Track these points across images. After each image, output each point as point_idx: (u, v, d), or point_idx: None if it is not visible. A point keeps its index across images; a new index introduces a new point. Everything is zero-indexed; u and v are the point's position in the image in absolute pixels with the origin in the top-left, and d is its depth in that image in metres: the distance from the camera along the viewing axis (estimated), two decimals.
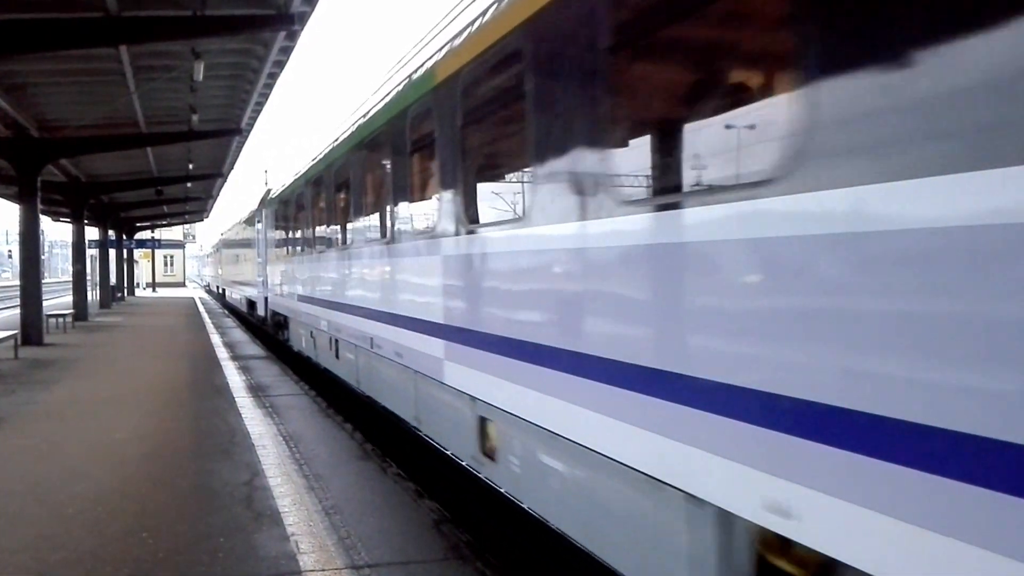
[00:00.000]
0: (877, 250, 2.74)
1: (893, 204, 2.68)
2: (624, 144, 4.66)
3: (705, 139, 4.42)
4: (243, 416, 10.61)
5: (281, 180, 19.84)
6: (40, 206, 22.08)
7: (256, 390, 12.97)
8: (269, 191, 22.25)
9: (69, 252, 33.79)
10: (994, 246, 2.38)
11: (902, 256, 2.67)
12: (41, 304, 21.53)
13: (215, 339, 22.22)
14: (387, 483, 7.52)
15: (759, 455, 3.27)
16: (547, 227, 5.01)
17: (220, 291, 49.34)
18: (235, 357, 17.86)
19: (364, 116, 10.23)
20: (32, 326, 20.58)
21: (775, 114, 3.47)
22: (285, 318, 18.47)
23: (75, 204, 30.86)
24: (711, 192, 3.95)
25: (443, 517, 6.59)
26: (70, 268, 32.64)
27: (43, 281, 23.14)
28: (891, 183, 2.68)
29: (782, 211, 3.14)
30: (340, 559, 5.52)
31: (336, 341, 12.22)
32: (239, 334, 24.36)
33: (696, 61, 4.67)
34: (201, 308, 38.76)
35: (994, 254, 2.39)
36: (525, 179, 5.65)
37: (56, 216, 41.36)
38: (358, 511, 6.60)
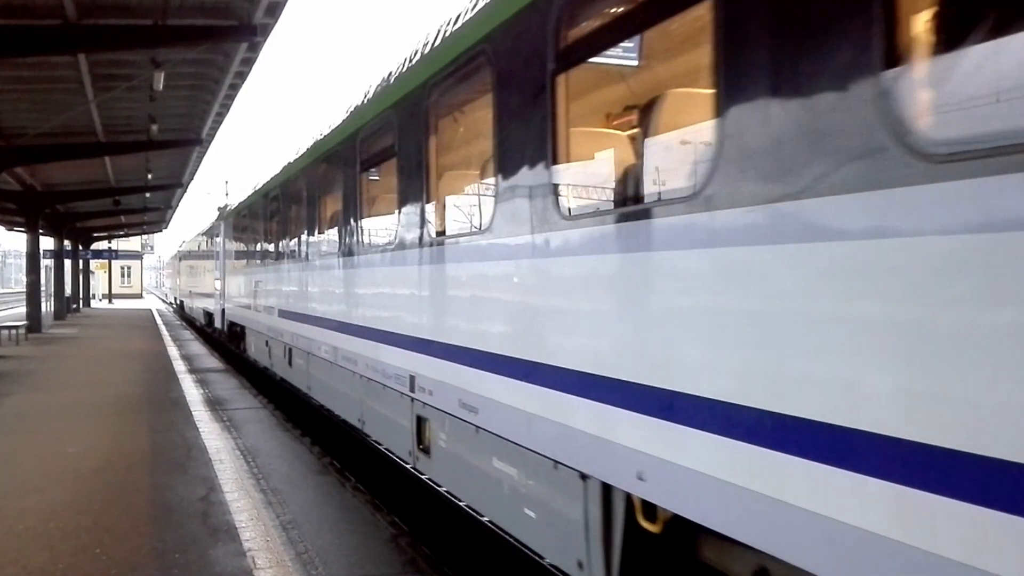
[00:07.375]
0: None
1: None
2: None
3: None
4: (200, 430, 10.50)
5: None
6: None
7: (214, 403, 12.83)
8: None
9: (23, 262, 33.10)
10: None
11: None
12: None
13: (172, 351, 21.92)
14: (345, 497, 7.51)
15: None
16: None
17: (219, 326, 22.89)
18: (192, 370, 17.64)
19: None
20: None
21: None
22: None
23: (30, 213, 30.26)
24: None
25: (400, 531, 6.61)
26: (24, 279, 31.95)
27: None
28: None
29: None
30: (297, 574, 5.51)
31: None
32: (197, 347, 24.04)
33: None
34: (159, 320, 38.16)
35: None
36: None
37: (10, 225, 40.43)
38: (316, 526, 6.59)
